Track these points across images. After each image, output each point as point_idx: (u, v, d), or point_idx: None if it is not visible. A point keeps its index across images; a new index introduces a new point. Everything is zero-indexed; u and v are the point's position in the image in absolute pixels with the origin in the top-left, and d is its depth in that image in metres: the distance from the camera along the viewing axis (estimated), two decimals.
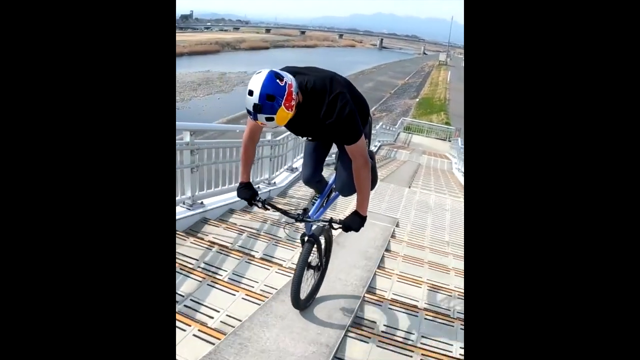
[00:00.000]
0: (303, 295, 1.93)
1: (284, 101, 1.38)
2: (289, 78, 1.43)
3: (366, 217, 1.74)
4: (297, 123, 1.56)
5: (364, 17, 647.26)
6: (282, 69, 1.54)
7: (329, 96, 1.51)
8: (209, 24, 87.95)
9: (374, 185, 1.90)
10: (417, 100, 33.65)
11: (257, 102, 1.36)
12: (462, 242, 3.43)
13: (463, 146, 10.92)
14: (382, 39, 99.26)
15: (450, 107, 30.36)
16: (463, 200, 5.08)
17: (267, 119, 1.39)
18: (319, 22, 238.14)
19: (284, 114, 1.41)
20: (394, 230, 3.79)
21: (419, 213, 4.95)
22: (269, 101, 1.36)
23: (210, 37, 58.57)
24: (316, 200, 2.07)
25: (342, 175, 1.88)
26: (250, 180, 1.85)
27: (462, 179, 8.54)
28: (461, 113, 27.75)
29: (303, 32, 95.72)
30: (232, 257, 2.56)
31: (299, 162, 5.02)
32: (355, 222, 1.71)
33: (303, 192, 4.45)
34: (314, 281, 2.07)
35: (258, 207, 1.78)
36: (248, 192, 1.78)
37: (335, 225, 1.75)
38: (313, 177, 2.01)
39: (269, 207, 1.78)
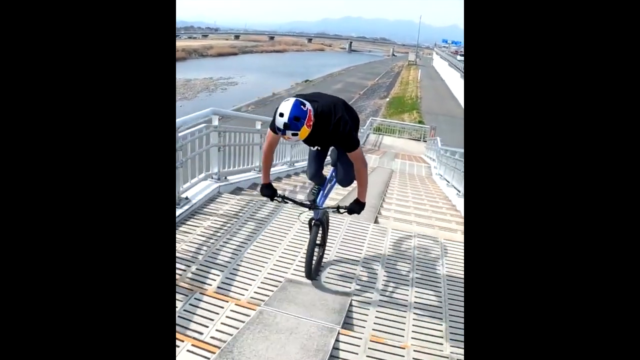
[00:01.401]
0: (313, 268, 2.45)
1: (306, 121, 1.91)
2: (309, 105, 1.96)
3: (365, 203, 2.30)
4: (311, 137, 2.04)
5: (333, 21, 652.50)
6: (300, 95, 2.06)
7: (334, 118, 2.06)
8: (177, 32, 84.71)
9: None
10: (388, 99, 32.36)
11: (286, 122, 1.88)
12: None
13: (442, 147, 9.02)
14: (351, 42, 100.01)
15: (422, 105, 29.11)
16: (463, 238, 3.23)
17: (293, 134, 1.91)
18: (289, 28, 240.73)
19: (305, 131, 1.93)
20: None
21: (396, 293, 2.44)
22: (295, 121, 1.88)
23: (178, 45, 57.06)
24: (316, 190, 2.60)
25: (342, 172, 2.46)
26: (270, 181, 2.39)
27: (446, 190, 6.56)
28: (434, 111, 26.45)
29: (272, 38, 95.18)
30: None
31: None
32: (357, 207, 2.27)
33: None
34: (319, 256, 2.57)
35: (278, 201, 2.36)
36: (269, 191, 2.32)
37: (341, 210, 2.29)
38: (317, 173, 2.56)
39: (287, 201, 2.37)
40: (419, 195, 5.93)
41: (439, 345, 2.03)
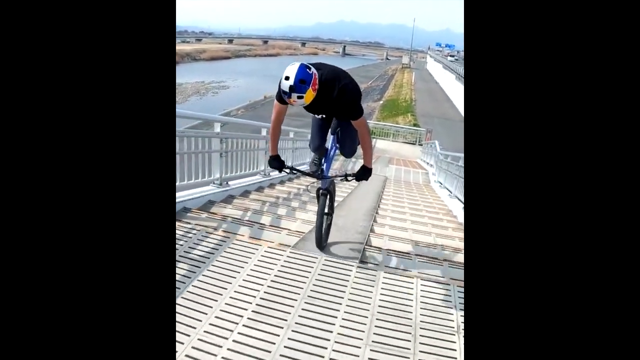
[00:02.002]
0: (323, 235, 2.54)
1: (311, 85, 1.91)
2: (314, 69, 1.96)
3: (372, 169, 2.35)
4: (316, 104, 2.02)
5: (327, 25, 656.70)
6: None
7: (339, 84, 2.06)
8: None
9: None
10: (381, 102, 31.60)
11: (292, 84, 1.86)
12: None
13: (441, 152, 8.11)
14: (344, 46, 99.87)
15: (417, 108, 28.34)
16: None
17: (299, 97, 1.90)
18: (283, 32, 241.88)
19: (310, 94, 1.93)
20: None
21: None
22: (301, 84, 1.88)
23: None
24: (317, 161, 2.66)
25: (344, 142, 2.52)
26: (278, 153, 2.42)
27: (449, 202, 5.63)
28: (428, 113, 25.84)
29: (266, 42, 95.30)
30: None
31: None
32: (365, 173, 2.33)
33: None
34: (327, 224, 2.65)
35: (287, 172, 2.45)
36: (277, 163, 2.37)
37: (350, 178, 2.36)
38: (320, 145, 2.58)
39: (295, 172, 2.48)
40: (417, 210, 4.97)
41: None
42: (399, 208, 4.84)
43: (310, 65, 1.95)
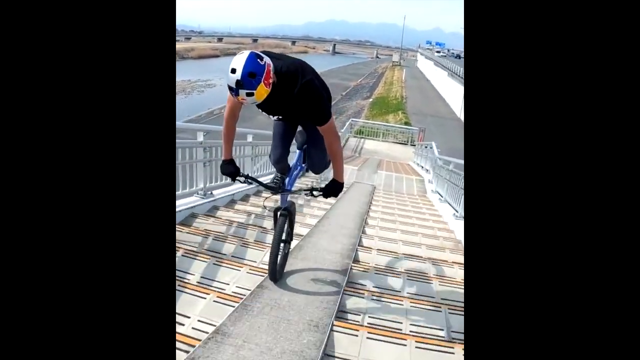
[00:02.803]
0: (278, 267, 2.06)
1: (263, 78, 1.52)
2: (268, 59, 1.57)
3: (343, 183, 1.89)
4: (271, 102, 1.65)
5: (317, 24, 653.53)
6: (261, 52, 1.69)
7: (301, 79, 1.67)
8: None
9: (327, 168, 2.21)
10: (371, 100, 30.34)
11: (239, 78, 1.49)
12: None
13: (439, 156, 6.84)
14: (334, 45, 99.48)
15: (408, 106, 27.16)
16: None
17: (248, 94, 1.52)
18: (274, 31, 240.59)
19: (263, 90, 1.54)
20: None
21: None
22: (250, 78, 1.50)
23: None
24: (279, 180, 2.14)
25: (314, 157, 2.11)
26: (233, 157, 1.98)
27: (454, 224, 4.34)
28: (420, 111, 24.91)
29: (255, 40, 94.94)
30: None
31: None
32: (335, 188, 1.86)
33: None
34: (284, 252, 2.14)
35: (241, 182, 1.93)
36: (231, 168, 1.91)
37: (315, 193, 1.88)
38: (282, 158, 2.11)
39: (251, 182, 1.93)
40: (413, 241, 3.67)
41: None
42: (389, 239, 3.54)
43: (262, 55, 1.58)
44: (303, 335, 1.60)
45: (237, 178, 1.89)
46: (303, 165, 2.20)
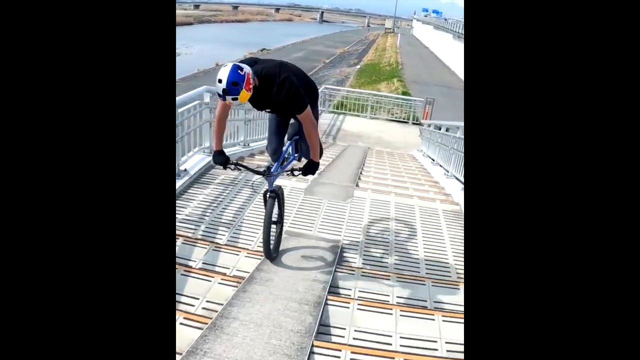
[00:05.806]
0: (272, 247, 2.32)
1: (244, 85, 1.85)
2: (247, 68, 1.89)
3: (319, 162, 2.26)
4: (257, 100, 2.04)
5: None
6: (243, 61, 2.02)
7: (278, 79, 2.01)
8: None
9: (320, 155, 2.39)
10: (359, 67, 25.03)
11: (225, 87, 1.83)
12: None
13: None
14: (322, 12, 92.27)
15: (405, 73, 22.02)
16: None
17: (233, 99, 1.88)
18: None
19: (245, 94, 1.88)
20: None
21: None
22: (233, 86, 1.84)
23: None
24: (272, 165, 2.42)
25: (304, 147, 2.39)
26: (223, 148, 2.28)
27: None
28: (419, 79, 17.34)
29: (236, 7, 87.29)
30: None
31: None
32: (312, 167, 2.23)
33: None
34: (277, 232, 2.42)
35: (231, 169, 2.24)
36: (222, 158, 2.21)
37: (295, 173, 2.24)
38: (278, 148, 2.44)
39: (240, 168, 2.27)
40: None
41: None
42: None
43: (242, 65, 1.89)
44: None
45: (228, 165, 2.19)
46: (295, 155, 2.50)
